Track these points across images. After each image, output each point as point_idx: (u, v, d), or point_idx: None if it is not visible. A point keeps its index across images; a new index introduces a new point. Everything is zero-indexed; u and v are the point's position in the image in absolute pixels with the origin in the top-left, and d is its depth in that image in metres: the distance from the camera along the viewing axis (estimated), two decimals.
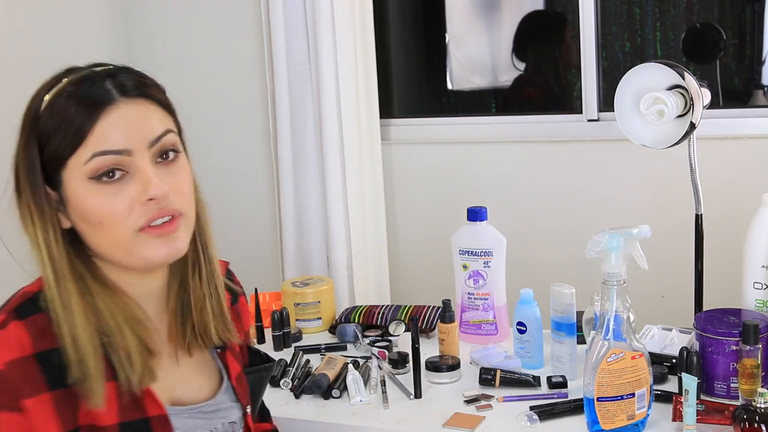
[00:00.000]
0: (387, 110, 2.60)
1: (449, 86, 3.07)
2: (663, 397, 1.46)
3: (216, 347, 1.18)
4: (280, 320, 1.87)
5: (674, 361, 1.55)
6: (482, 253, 1.82)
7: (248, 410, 1.20)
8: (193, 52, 2.66)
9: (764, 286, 1.55)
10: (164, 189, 1.01)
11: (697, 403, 1.32)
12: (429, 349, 1.72)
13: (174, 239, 1.04)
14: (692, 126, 1.66)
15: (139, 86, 1.03)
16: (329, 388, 1.60)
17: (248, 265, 2.54)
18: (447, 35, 3.04)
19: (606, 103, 2.34)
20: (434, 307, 1.97)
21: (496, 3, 2.97)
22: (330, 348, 1.85)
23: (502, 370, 1.60)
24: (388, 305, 2.01)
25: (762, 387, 1.37)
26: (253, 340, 1.92)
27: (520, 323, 1.68)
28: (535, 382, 1.58)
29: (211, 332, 1.14)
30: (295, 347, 1.86)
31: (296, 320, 1.98)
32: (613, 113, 1.76)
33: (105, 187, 1.00)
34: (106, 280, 1.05)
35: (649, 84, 1.69)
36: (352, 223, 2.41)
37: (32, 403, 0.96)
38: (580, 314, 1.68)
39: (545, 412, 1.46)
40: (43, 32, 2.35)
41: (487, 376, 1.59)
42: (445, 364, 1.65)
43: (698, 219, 1.75)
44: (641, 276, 1.46)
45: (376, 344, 1.78)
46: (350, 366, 1.67)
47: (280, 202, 2.50)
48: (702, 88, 1.68)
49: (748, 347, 1.41)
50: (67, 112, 0.99)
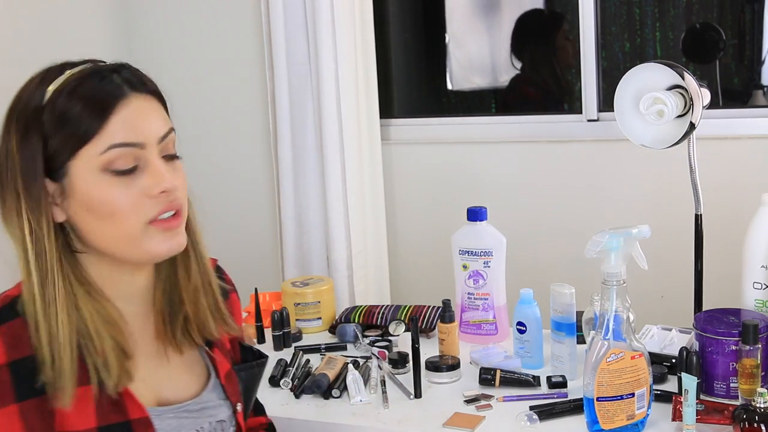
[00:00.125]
0: (387, 110, 2.60)
1: (449, 86, 3.07)
2: (663, 397, 1.46)
3: (206, 344, 1.17)
4: (280, 320, 1.87)
5: (674, 361, 1.55)
6: (482, 253, 1.82)
7: (239, 408, 1.19)
8: (193, 52, 2.66)
9: (764, 286, 1.55)
10: (175, 182, 1.03)
11: (696, 403, 1.32)
12: (429, 349, 1.72)
13: (177, 234, 1.06)
14: (692, 126, 1.66)
15: (146, 83, 1.05)
16: (329, 388, 1.60)
17: (248, 265, 2.56)
18: (447, 35, 3.04)
19: (606, 103, 2.33)
20: (434, 307, 1.97)
21: (496, 3, 2.97)
22: (330, 348, 1.85)
23: (502, 370, 1.60)
24: (388, 305, 2.01)
25: (761, 387, 1.37)
26: (253, 341, 1.92)
27: (520, 323, 1.68)
28: (534, 382, 1.58)
29: (210, 327, 1.14)
30: (295, 347, 1.86)
31: (296, 320, 1.97)
32: (613, 113, 1.76)
33: (119, 179, 1.00)
34: (88, 280, 1.04)
35: (649, 84, 1.69)
36: (352, 223, 2.41)
37: None
38: (579, 314, 1.68)
39: (545, 412, 1.46)
40: (43, 32, 2.35)
41: (487, 376, 1.59)
42: (445, 364, 1.65)
43: (698, 219, 1.75)
44: (641, 276, 1.46)
45: (376, 344, 1.78)
46: (350, 366, 1.67)
47: (280, 202, 2.50)
48: (702, 88, 1.68)
49: (747, 347, 1.41)
50: (80, 104, 0.99)
